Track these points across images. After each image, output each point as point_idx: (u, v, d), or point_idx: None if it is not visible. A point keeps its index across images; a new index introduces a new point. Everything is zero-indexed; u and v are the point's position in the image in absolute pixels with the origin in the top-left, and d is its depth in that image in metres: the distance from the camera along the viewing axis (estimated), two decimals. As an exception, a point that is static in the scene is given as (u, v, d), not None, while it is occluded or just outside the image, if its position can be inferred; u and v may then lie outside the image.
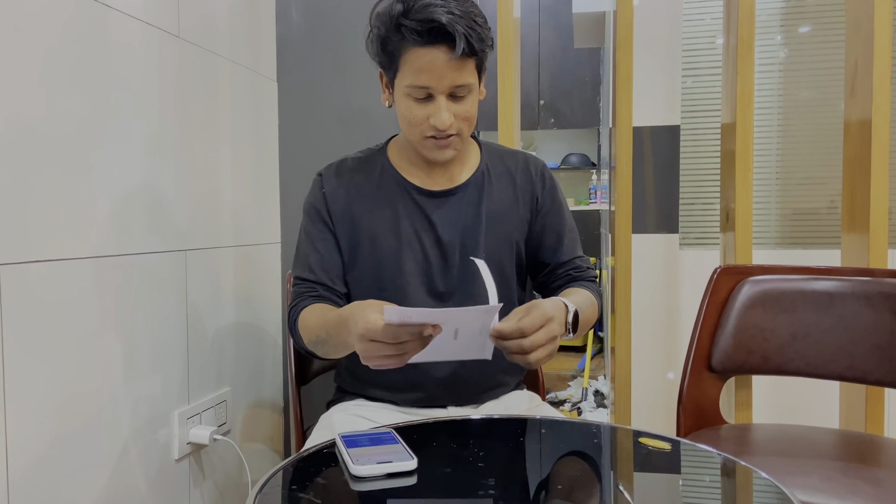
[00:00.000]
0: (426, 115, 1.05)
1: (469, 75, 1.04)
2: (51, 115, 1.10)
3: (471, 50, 1.00)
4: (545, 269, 1.23)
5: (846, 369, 1.37)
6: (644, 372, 2.28)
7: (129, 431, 1.29)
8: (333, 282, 1.16)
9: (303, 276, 1.17)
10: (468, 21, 0.99)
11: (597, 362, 4.23)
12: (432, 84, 1.02)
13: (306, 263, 1.17)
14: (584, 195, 5.38)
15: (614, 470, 0.86)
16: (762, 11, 2.20)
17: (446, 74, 1.01)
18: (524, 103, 5.00)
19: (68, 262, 1.14)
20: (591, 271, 1.23)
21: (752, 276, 1.43)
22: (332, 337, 1.01)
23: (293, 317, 1.14)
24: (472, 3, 1.03)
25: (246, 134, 1.70)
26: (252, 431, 1.76)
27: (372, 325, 0.84)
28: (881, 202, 1.55)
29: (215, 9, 1.56)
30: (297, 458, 0.87)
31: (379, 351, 0.85)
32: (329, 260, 1.16)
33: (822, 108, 2.19)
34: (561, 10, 4.88)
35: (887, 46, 1.55)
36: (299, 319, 1.12)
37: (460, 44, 0.98)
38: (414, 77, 1.02)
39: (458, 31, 0.98)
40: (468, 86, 1.04)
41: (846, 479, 1.08)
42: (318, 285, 1.15)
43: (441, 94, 1.03)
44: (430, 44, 0.99)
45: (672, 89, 2.26)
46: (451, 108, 1.04)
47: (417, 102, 1.05)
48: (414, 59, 1.01)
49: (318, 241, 1.17)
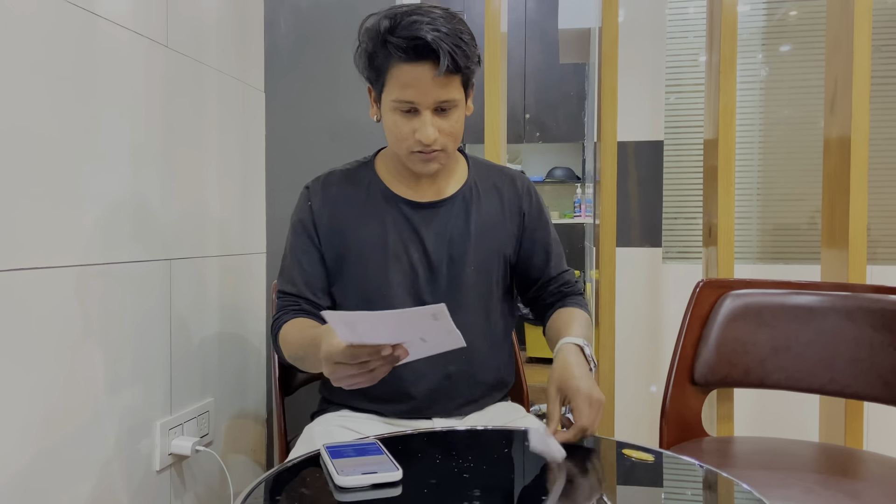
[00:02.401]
0: (412, 130, 1.06)
1: (454, 91, 1.05)
2: (36, 124, 1.10)
3: (455, 67, 1.02)
4: (535, 284, 1.26)
5: (826, 383, 1.39)
6: (628, 384, 2.30)
7: (110, 442, 1.28)
8: (317, 295, 1.17)
9: (286, 290, 1.18)
10: (454, 39, 1.01)
11: (580, 375, 4.23)
12: (417, 99, 1.03)
13: (290, 277, 1.18)
14: (569, 208, 5.41)
15: (598, 481, 0.87)
16: (744, 30, 2.24)
17: (431, 90, 1.02)
18: (510, 117, 5.03)
19: (53, 270, 1.13)
20: (578, 285, 1.27)
21: (733, 290, 1.45)
22: (308, 356, 1.03)
23: (275, 330, 1.16)
24: (459, 20, 1.05)
25: (233, 144, 1.70)
26: (235, 442, 1.75)
27: (333, 349, 0.86)
28: (860, 218, 1.58)
29: (203, 19, 1.57)
30: (281, 468, 0.86)
31: (344, 371, 0.86)
32: (312, 273, 1.17)
33: (803, 126, 2.23)
34: (547, 26, 4.93)
35: (866, 66, 1.58)
36: (280, 334, 1.14)
37: (444, 61, 0.99)
38: (400, 92, 1.03)
39: (444, 48, 0.99)
40: (453, 101, 1.05)
41: (826, 492, 1.10)
42: (301, 299, 1.17)
43: (426, 110, 1.04)
44: (416, 60, 1.01)
45: (656, 105, 2.29)
46: (436, 123, 1.05)
47: (403, 117, 1.06)
48: (400, 75, 1.02)
49: (302, 255, 1.18)
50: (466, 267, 1.16)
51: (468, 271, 1.17)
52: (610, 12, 1.78)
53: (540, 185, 5.36)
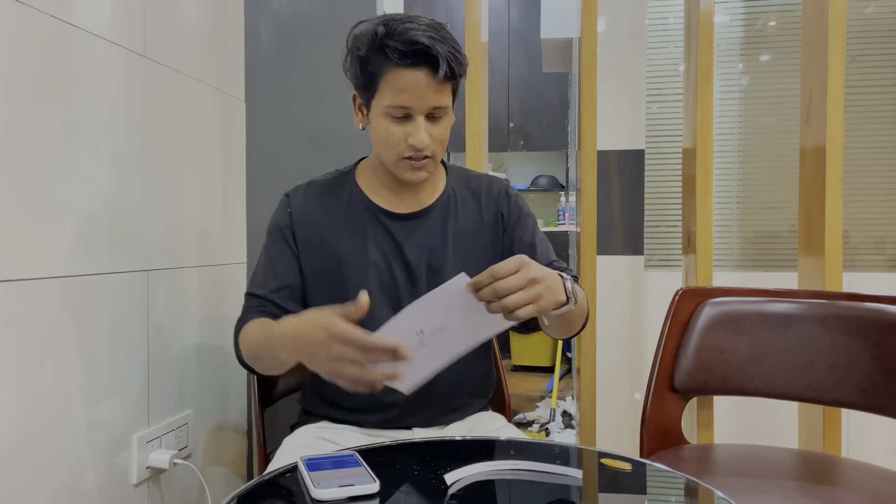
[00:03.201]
0: (404, 135, 1.06)
1: (446, 98, 1.07)
2: (12, 135, 1.08)
3: (451, 73, 1.03)
4: None
5: (804, 390, 1.40)
6: (611, 392, 2.30)
7: (86, 455, 1.26)
8: (284, 301, 1.15)
9: (255, 293, 1.16)
10: (450, 46, 1.03)
11: (565, 383, 4.25)
12: (413, 104, 1.04)
13: (261, 281, 1.17)
14: (553, 217, 5.43)
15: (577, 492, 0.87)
16: (723, 40, 2.27)
17: (427, 96, 1.03)
18: (494, 126, 5.05)
19: (29, 282, 1.12)
20: (570, 271, 1.23)
21: (712, 298, 1.46)
22: (266, 350, 1.00)
23: (238, 329, 1.13)
24: (447, 30, 1.06)
25: (213, 153, 1.69)
26: (214, 455, 1.73)
27: (333, 321, 0.83)
28: (835, 226, 1.60)
29: (182, 28, 1.56)
30: (258, 482, 0.86)
31: (340, 349, 0.82)
32: (285, 279, 1.16)
33: (783, 134, 2.26)
34: (530, 35, 4.96)
35: (840, 76, 1.61)
36: (241, 332, 1.11)
37: (443, 66, 1.01)
38: (395, 97, 1.04)
39: (441, 54, 1.01)
40: (445, 108, 1.07)
41: (804, 499, 1.10)
42: (268, 302, 1.15)
43: (420, 115, 1.05)
44: (414, 65, 1.02)
45: (637, 114, 2.31)
46: (428, 129, 1.06)
47: (396, 122, 1.06)
48: (395, 80, 1.03)
49: (276, 260, 1.17)
50: (446, 276, 1.16)
51: (447, 280, 1.16)
52: (589, 23, 1.80)
53: (524, 194, 5.38)
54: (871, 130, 2.18)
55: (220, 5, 1.73)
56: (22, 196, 1.11)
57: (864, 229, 2.20)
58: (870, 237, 2.19)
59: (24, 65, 1.11)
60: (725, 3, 2.27)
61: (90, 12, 1.26)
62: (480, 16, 1.78)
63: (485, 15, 1.85)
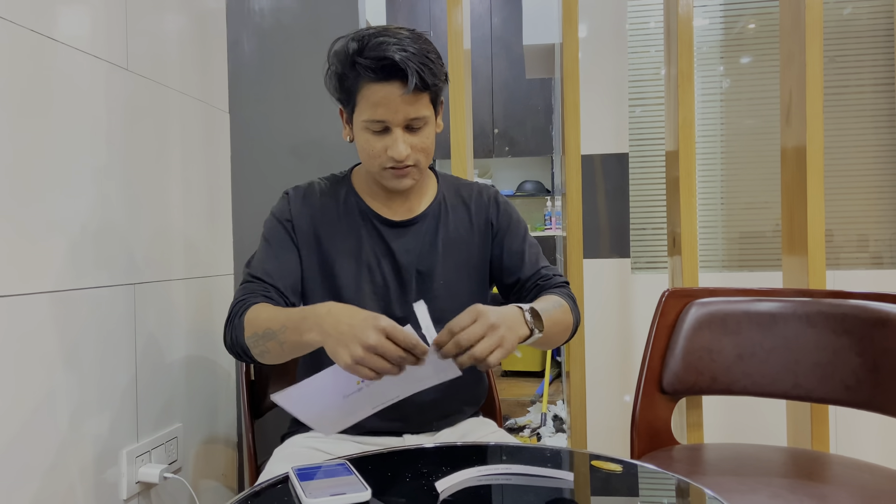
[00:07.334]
0: (384, 147, 1.08)
1: (424, 108, 1.07)
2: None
3: (423, 85, 1.04)
4: (514, 287, 1.25)
5: (791, 388, 1.42)
6: (601, 395, 2.31)
7: (75, 471, 1.25)
8: (286, 290, 1.14)
9: (258, 276, 1.13)
10: (421, 58, 1.04)
11: (555, 387, 4.25)
12: (388, 118, 1.05)
13: (264, 267, 1.14)
14: (540, 221, 5.45)
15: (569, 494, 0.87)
16: (704, 43, 2.30)
17: (401, 108, 1.05)
18: (479, 132, 5.07)
19: (15, 298, 1.11)
20: (558, 278, 1.23)
21: (698, 299, 1.47)
22: (289, 329, 0.96)
23: (240, 309, 1.08)
24: (425, 40, 1.08)
25: (198, 165, 1.69)
26: (204, 468, 1.72)
27: (384, 320, 0.85)
28: (818, 225, 1.62)
29: (165, 41, 1.56)
30: (249, 493, 0.85)
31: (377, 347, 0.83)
32: (288, 269, 1.15)
33: (765, 135, 2.28)
34: (512, 42, 4.99)
35: (819, 77, 1.63)
36: (248, 312, 1.06)
37: (412, 79, 1.02)
38: (371, 112, 1.05)
39: (411, 67, 1.02)
40: (423, 118, 1.08)
41: (793, 497, 1.11)
42: (273, 288, 1.13)
43: (397, 127, 1.06)
44: (384, 80, 1.03)
45: (620, 118, 2.33)
46: (407, 140, 1.08)
47: (375, 135, 1.08)
48: (370, 95, 1.05)
49: (279, 250, 1.16)
50: (435, 281, 1.18)
51: (437, 285, 1.18)
52: (570, 28, 1.81)
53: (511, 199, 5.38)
54: (850, 130, 2.21)
55: (202, 17, 1.73)
56: (6, 212, 1.10)
57: (846, 227, 2.22)
58: (852, 235, 2.22)
59: (6, 80, 1.10)
60: (705, 6, 2.30)
61: (71, 27, 1.25)
62: (462, 23, 1.79)
63: (467, 23, 1.86)
